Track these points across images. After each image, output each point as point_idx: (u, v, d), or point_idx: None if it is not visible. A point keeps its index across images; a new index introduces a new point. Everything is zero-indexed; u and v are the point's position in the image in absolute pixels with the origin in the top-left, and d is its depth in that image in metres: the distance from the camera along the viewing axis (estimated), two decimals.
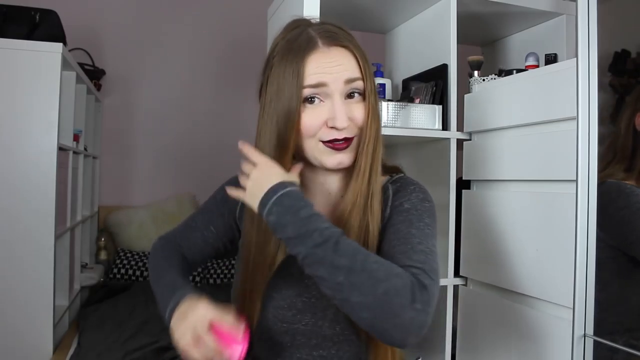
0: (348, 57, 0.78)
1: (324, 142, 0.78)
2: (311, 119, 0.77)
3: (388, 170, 0.89)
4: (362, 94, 0.80)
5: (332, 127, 0.77)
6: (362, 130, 0.79)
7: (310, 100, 0.78)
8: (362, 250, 0.67)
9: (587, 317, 0.97)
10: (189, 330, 0.70)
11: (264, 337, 0.81)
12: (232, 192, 0.78)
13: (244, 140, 0.78)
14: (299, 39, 0.79)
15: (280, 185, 0.71)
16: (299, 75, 0.76)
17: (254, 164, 0.75)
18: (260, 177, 0.73)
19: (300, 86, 0.76)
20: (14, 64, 1.81)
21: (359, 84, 0.79)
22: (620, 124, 1.18)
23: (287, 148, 0.78)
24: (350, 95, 0.79)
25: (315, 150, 0.79)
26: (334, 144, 0.78)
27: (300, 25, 0.82)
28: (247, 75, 3.16)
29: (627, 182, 1.14)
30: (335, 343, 0.79)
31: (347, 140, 0.78)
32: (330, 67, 0.77)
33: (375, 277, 0.63)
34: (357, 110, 0.79)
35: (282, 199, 0.70)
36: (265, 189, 0.71)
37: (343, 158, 0.79)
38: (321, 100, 0.78)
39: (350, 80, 0.77)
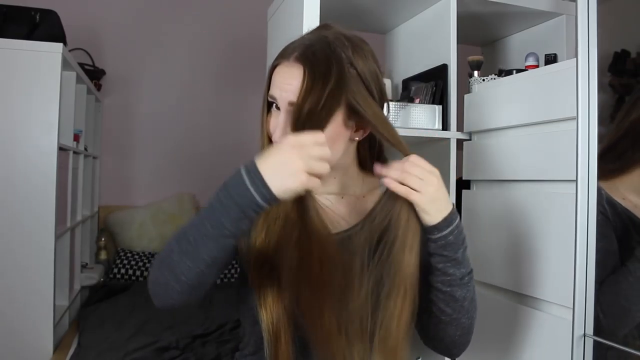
0: (297, 73, 0.75)
1: None
2: (271, 124, 0.80)
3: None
4: None
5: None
6: None
7: (275, 105, 0.80)
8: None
9: (587, 317, 0.97)
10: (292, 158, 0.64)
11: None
12: (393, 186, 0.74)
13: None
14: (288, 46, 0.80)
15: (455, 210, 0.77)
16: (268, 81, 0.80)
17: (430, 171, 0.75)
18: (441, 189, 0.75)
19: (266, 92, 0.80)
20: (14, 64, 1.81)
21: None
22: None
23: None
24: None
25: None
26: None
27: (312, 31, 0.84)
28: (247, 75, 3.17)
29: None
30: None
31: None
32: (282, 84, 0.77)
33: (475, 310, 0.82)
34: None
35: (460, 224, 0.77)
36: (450, 207, 0.76)
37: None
38: (277, 107, 0.79)
39: (292, 104, 0.75)
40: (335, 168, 0.83)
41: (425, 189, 0.73)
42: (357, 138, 0.83)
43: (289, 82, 0.76)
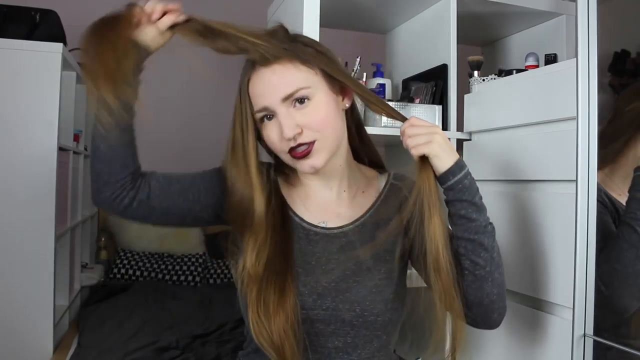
0: (283, 71, 0.80)
1: (289, 153, 0.81)
2: (269, 136, 0.82)
3: (373, 164, 0.96)
4: (314, 97, 0.81)
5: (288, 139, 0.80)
6: (324, 131, 0.81)
7: (266, 118, 0.82)
8: None
9: (587, 317, 0.97)
10: None
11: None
12: (415, 122, 0.83)
13: None
14: (245, 64, 0.84)
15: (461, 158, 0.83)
16: (248, 102, 0.83)
17: (432, 125, 0.82)
18: (446, 139, 0.82)
19: (248, 111, 0.83)
20: (14, 64, 1.81)
21: (301, 93, 0.80)
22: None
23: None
24: (300, 101, 0.80)
25: (290, 161, 0.83)
26: (294, 153, 0.81)
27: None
28: None
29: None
30: (353, 327, 0.82)
31: (307, 146, 0.80)
32: (265, 89, 0.80)
33: (503, 266, 0.84)
34: (307, 115, 0.80)
35: (469, 171, 0.83)
36: (457, 155, 0.82)
37: (312, 162, 0.81)
38: (272, 117, 0.81)
39: (287, 97, 0.80)
40: (340, 165, 0.88)
41: (433, 138, 0.80)
42: (346, 105, 0.88)
43: (272, 83, 0.80)
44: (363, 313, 0.81)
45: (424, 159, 0.82)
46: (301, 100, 0.80)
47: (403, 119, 0.86)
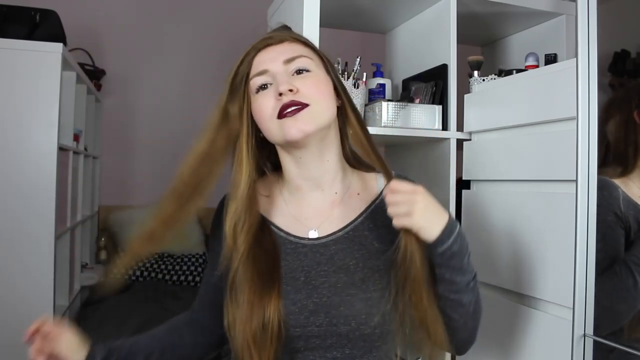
0: (287, 45, 0.83)
1: (279, 117, 0.79)
2: (262, 103, 0.81)
3: (363, 164, 0.92)
4: (314, 71, 0.83)
5: (279, 96, 0.79)
6: (319, 100, 0.80)
7: (261, 88, 0.81)
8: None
9: (587, 317, 0.97)
10: None
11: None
12: (398, 223, 0.76)
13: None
14: (242, 57, 0.84)
15: (452, 218, 0.77)
16: (248, 68, 0.82)
17: (412, 192, 0.75)
18: (430, 204, 0.76)
19: (243, 78, 0.82)
20: (14, 64, 1.81)
21: (303, 61, 0.82)
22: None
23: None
24: (298, 72, 0.82)
25: (277, 129, 0.80)
26: (285, 112, 0.78)
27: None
28: None
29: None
30: (350, 340, 0.78)
31: (299, 105, 0.78)
32: (268, 57, 0.82)
33: (479, 306, 0.83)
34: (305, 82, 0.80)
35: (461, 230, 0.78)
36: (446, 217, 0.76)
37: (302, 126, 0.78)
38: (269, 85, 0.81)
39: (290, 60, 0.81)
40: (329, 160, 0.85)
41: (413, 209, 0.74)
42: (337, 104, 0.86)
43: (276, 52, 0.82)
44: (359, 327, 0.78)
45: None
46: (300, 72, 0.81)
47: (385, 170, 0.83)
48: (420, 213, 0.74)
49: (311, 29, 1.24)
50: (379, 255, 0.82)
